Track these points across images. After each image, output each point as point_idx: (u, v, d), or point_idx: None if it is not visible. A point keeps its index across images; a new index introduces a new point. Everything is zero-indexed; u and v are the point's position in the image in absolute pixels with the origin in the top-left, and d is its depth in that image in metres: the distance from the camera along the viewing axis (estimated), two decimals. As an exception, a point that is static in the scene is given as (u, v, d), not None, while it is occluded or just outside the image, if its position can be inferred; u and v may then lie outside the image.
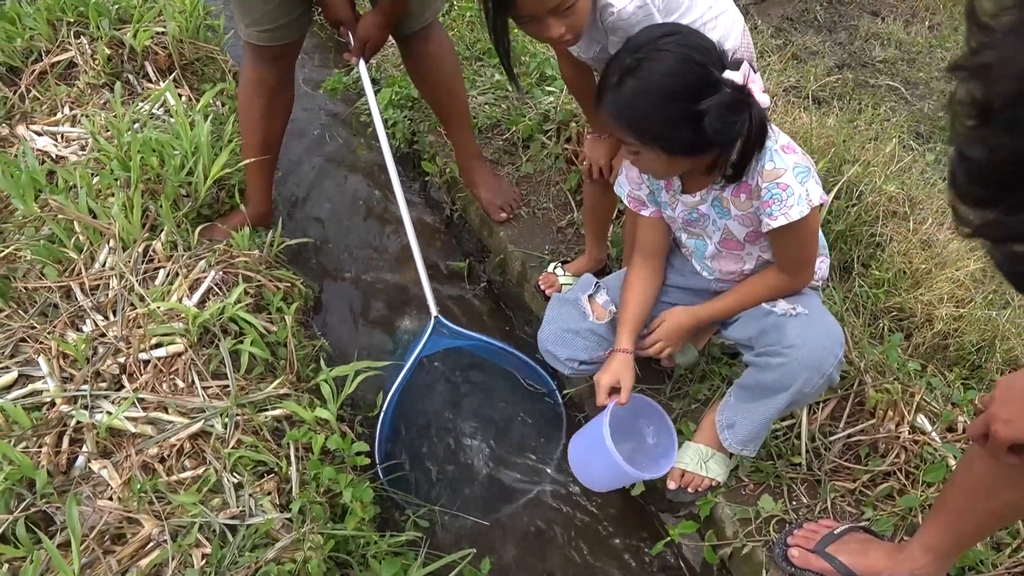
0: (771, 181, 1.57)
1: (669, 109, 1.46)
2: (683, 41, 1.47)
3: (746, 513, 1.89)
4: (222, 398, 1.95)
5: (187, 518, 1.69)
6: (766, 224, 1.61)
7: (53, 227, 2.20)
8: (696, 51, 1.45)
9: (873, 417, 2.04)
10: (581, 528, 2.12)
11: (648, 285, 1.91)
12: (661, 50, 1.45)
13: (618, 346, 1.85)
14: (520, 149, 2.95)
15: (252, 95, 2.40)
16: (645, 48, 1.47)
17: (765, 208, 1.60)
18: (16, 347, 2.02)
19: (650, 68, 1.45)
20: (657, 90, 1.45)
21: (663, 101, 1.46)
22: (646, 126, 1.50)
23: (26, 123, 2.75)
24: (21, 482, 1.72)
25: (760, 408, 1.79)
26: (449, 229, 3.07)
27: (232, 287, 2.18)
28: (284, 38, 2.28)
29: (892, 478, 1.92)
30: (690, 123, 1.44)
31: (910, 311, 2.49)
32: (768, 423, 1.82)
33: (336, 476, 1.78)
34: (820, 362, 1.67)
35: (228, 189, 2.62)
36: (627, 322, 1.87)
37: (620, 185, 1.88)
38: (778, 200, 1.57)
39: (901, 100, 4.15)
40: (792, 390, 1.70)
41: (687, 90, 1.44)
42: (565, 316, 1.97)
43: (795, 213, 1.57)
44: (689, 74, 1.44)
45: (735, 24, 1.93)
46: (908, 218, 2.90)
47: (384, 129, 2.34)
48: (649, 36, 1.50)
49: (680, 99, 1.44)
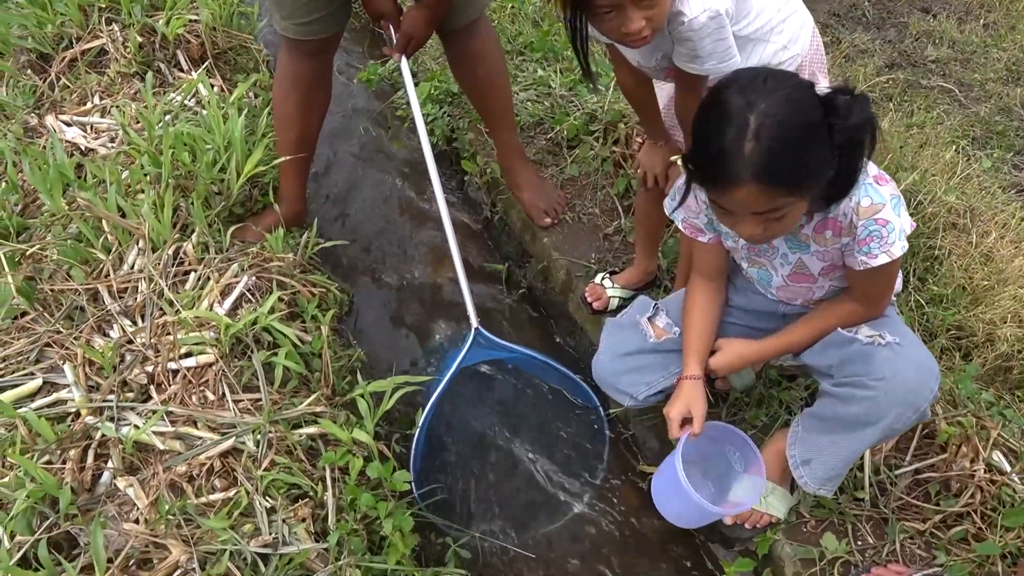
0: (869, 218, 1.44)
1: (811, 140, 1.31)
2: (767, 71, 1.35)
3: (808, 553, 1.77)
4: (254, 413, 1.85)
5: (217, 544, 1.60)
6: (863, 263, 1.49)
7: (81, 225, 2.11)
8: (790, 76, 1.34)
9: (944, 452, 1.91)
10: (628, 560, 2.01)
11: (711, 306, 1.79)
12: (769, 90, 1.30)
13: (685, 372, 1.74)
14: (564, 150, 2.82)
15: (288, 90, 2.29)
16: (749, 96, 1.30)
17: (862, 246, 1.48)
18: (41, 352, 1.93)
19: (768, 110, 1.28)
20: (792, 124, 1.29)
21: (804, 133, 1.30)
22: (796, 171, 1.32)
23: (55, 113, 2.65)
24: (44, 500, 1.63)
25: (843, 443, 1.66)
26: (488, 231, 2.95)
27: (265, 294, 2.08)
28: (321, 32, 2.16)
29: (967, 520, 1.79)
30: (828, 149, 1.31)
31: (970, 330, 2.35)
32: (851, 461, 1.69)
33: (375, 503, 1.68)
34: (914, 397, 1.55)
35: (261, 187, 2.52)
36: (693, 346, 1.76)
37: (675, 210, 1.73)
38: (878, 237, 1.45)
39: (955, 103, 3.97)
40: (882, 425, 1.58)
41: (814, 111, 1.30)
42: (623, 342, 1.87)
43: (897, 250, 1.46)
44: (805, 94, 1.31)
45: (804, 27, 1.79)
46: (969, 230, 2.76)
47: (424, 126, 2.22)
48: (740, 88, 1.32)
49: (813, 124, 1.30)
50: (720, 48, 1.60)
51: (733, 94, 1.32)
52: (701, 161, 1.38)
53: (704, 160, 1.37)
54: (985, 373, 2.18)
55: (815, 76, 1.86)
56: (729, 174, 1.31)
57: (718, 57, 1.61)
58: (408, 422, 2.07)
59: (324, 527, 1.69)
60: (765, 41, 1.71)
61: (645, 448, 2.25)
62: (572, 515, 2.10)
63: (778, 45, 1.73)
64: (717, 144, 1.31)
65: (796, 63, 1.79)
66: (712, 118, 1.35)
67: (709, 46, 1.59)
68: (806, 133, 1.30)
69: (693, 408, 1.72)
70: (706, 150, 1.35)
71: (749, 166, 1.29)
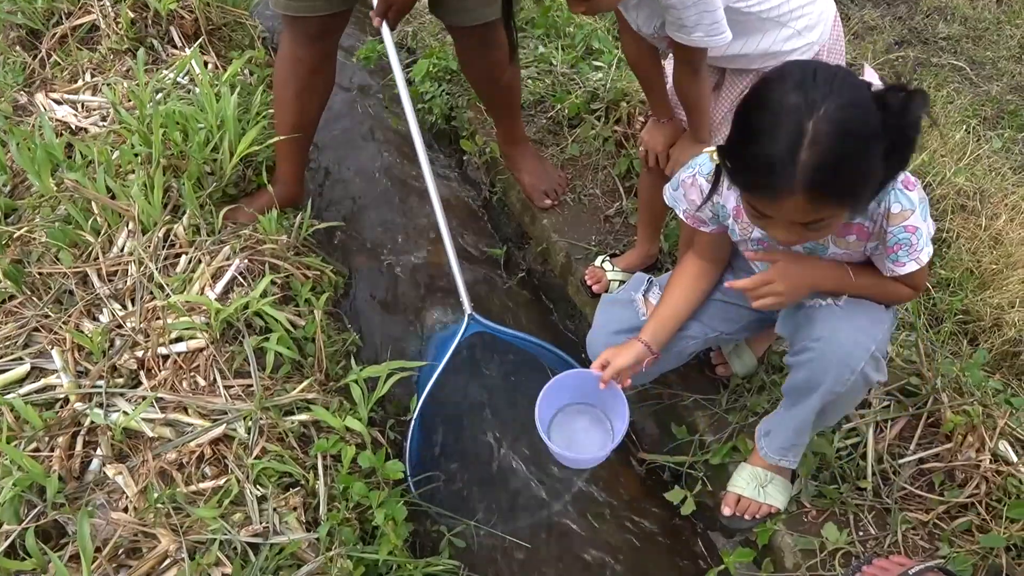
0: (898, 225, 1.37)
1: (869, 150, 1.19)
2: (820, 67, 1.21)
3: (809, 544, 1.74)
4: (245, 400, 1.81)
5: (207, 534, 1.57)
6: (890, 270, 1.45)
7: (69, 207, 2.06)
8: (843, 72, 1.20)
9: (949, 441, 1.87)
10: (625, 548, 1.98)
11: (695, 287, 1.74)
12: (829, 92, 1.17)
13: (641, 335, 1.71)
14: (565, 129, 2.76)
15: (288, 74, 2.20)
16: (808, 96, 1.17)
17: (890, 253, 1.42)
18: (29, 337, 1.90)
19: (829, 115, 1.15)
20: (852, 133, 1.17)
21: (863, 143, 1.18)
22: (850, 183, 1.21)
23: (45, 90, 2.60)
24: (31, 488, 1.60)
25: (793, 412, 1.64)
26: (487, 211, 2.90)
27: (258, 277, 2.04)
28: (321, 8, 2.05)
29: (971, 511, 1.75)
30: (881, 155, 1.20)
31: (977, 314, 2.31)
32: (801, 430, 1.66)
33: (367, 493, 1.65)
34: (848, 356, 1.48)
35: (255, 167, 2.47)
36: (657, 318, 1.72)
37: (675, 200, 1.64)
38: (906, 244, 1.39)
39: (966, 81, 3.89)
40: (822, 390, 1.53)
41: (873, 116, 1.18)
42: (616, 318, 1.82)
43: (925, 256, 1.41)
44: (864, 96, 1.19)
45: (824, 14, 1.73)
46: (978, 213, 2.70)
47: (412, 106, 2.11)
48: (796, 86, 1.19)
49: (872, 132, 1.18)
50: (706, 20, 1.54)
51: (788, 92, 1.18)
52: (745, 164, 1.26)
53: (749, 163, 1.25)
54: (992, 358, 2.13)
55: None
56: (777, 183, 1.19)
57: (704, 30, 1.55)
58: (403, 407, 2.03)
59: (315, 516, 1.67)
60: (781, 24, 1.65)
61: (644, 435, 2.21)
62: (568, 503, 2.07)
63: (793, 30, 1.67)
64: (767, 149, 1.19)
65: (812, 51, 1.73)
66: (762, 117, 1.21)
67: (694, 17, 1.53)
68: (865, 142, 1.18)
69: (616, 358, 1.69)
70: (752, 153, 1.22)
71: (802, 178, 1.17)
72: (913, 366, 2.01)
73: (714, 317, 1.81)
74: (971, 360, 1.98)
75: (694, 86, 1.74)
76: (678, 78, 1.75)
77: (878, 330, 1.50)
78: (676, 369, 2.07)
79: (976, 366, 1.93)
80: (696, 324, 1.80)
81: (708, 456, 1.93)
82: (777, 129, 1.18)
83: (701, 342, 1.83)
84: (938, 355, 2.04)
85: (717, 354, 2.10)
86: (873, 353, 1.48)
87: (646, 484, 2.11)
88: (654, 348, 1.71)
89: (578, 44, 3.03)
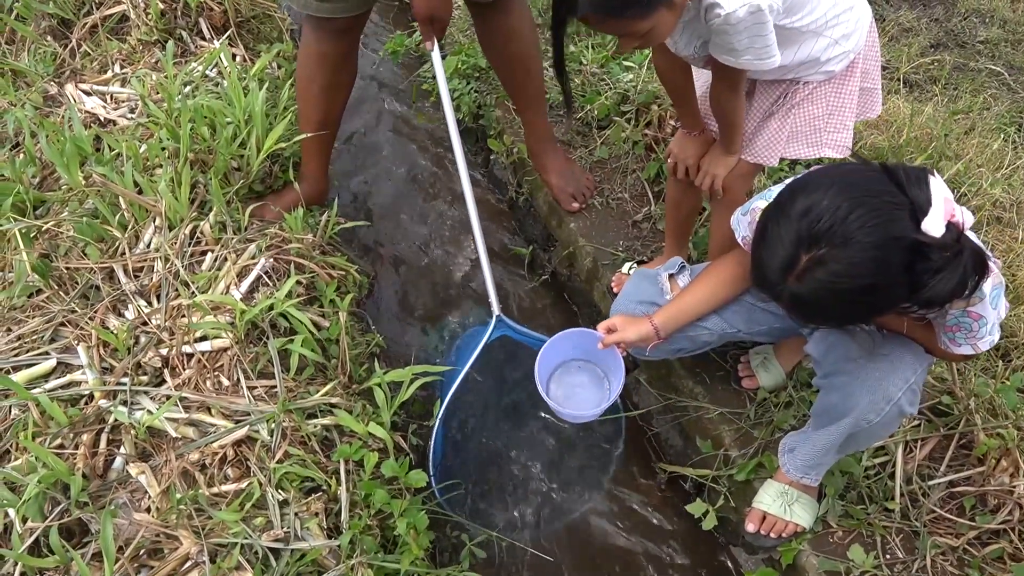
0: (962, 309, 1.32)
1: (866, 301, 1.21)
2: (870, 215, 1.15)
3: (835, 566, 1.71)
4: (268, 401, 1.81)
5: (228, 537, 1.57)
6: (946, 346, 1.40)
7: (97, 202, 2.06)
8: (884, 216, 1.15)
9: (982, 464, 1.83)
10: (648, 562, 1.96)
11: (722, 290, 1.73)
12: (849, 239, 1.15)
13: (654, 316, 1.73)
14: (595, 131, 2.72)
15: (313, 68, 2.19)
16: (825, 239, 1.17)
17: (948, 331, 1.38)
18: (56, 331, 1.90)
19: (835, 268, 1.16)
20: (848, 290, 1.18)
21: (858, 295, 1.19)
22: (835, 318, 1.32)
23: (75, 81, 2.60)
24: (56, 486, 1.60)
25: (822, 432, 1.61)
26: (512, 212, 2.88)
27: (283, 276, 2.03)
28: (351, 10, 2.04)
29: (1003, 538, 1.72)
30: (901, 292, 1.19)
31: (1011, 330, 2.25)
32: (827, 450, 1.63)
33: (389, 500, 1.64)
34: (886, 384, 1.45)
35: (281, 163, 2.46)
36: (675, 306, 1.74)
37: (738, 224, 1.60)
38: (966, 329, 1.35)
39: (1004, 87, 3.80)
40: (854, 415, 1.50)
41: (888, 277, 1.16)
42: (642, 290, 1.85)
43: (984, 345, 1.36)
44: (888, 260, 1.16)
45: (860, 23, 1.69)
46: (1015, 225, 2.65)
47: (451, 103, 2.11)
48: (828, 214, 1.17)
49: (880, 288, 1.18)
50: (757, 44, 1.50)
51: (803, 215, 1.19)
52: (754, 255, 1.31)
53: (755, 259, 1.31)
54: (1025, 376, 2.09)
55: (868, 73, 1.76)
56: (770, 294, 1.29)
57: (754, 54, 1.52)
58: (426, 411, 2.02)
59: (337, 522, 1.66)
60: (818, 35, 1.61)
61: (668, 446, 2.19)
62: (590, 514, 2.05)
63: (830, 39, 1.63)
64: (763, 263, 1.26)
65: (848, 59, 1.69)
66: (771, 230, 1.25)
67: (745, 41, 1.50)
68: (865, 295, 1.19)
69: (624, 331, 1.74)
70: (756, 261, 1.30)
71: (785, 299, 1.25)
72: (945, 384, 1.96)
73: (736, 315, 1.79)
74: (1006, 382, 1.93)
75: (732, 102, 1.71)
76: (716, 94, 1.72)
77: (919, 364, 1.47)
78: (701, 380, 2.05)
79: (1012, 388, 1.89)
80: (715, 317, 1.79)
81: (733, 472, 1.90)
82: (776, 249, 1.23)
83: (717, 336, 1.82)
84: (971, 373, 1.99)
85: (744, 366, 2.06)
86: (912, 385, 1.46)
87: (668, 497, 2.09)
88: (662, 333, 1.74)
89: (608, 43, 2.99)
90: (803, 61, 1.67)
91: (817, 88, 1.74)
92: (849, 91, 1.75)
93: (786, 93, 1.76)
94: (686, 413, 2.06)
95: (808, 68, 1.70)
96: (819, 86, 1.74)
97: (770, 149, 1.79)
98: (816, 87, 1.74)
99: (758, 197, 1.55)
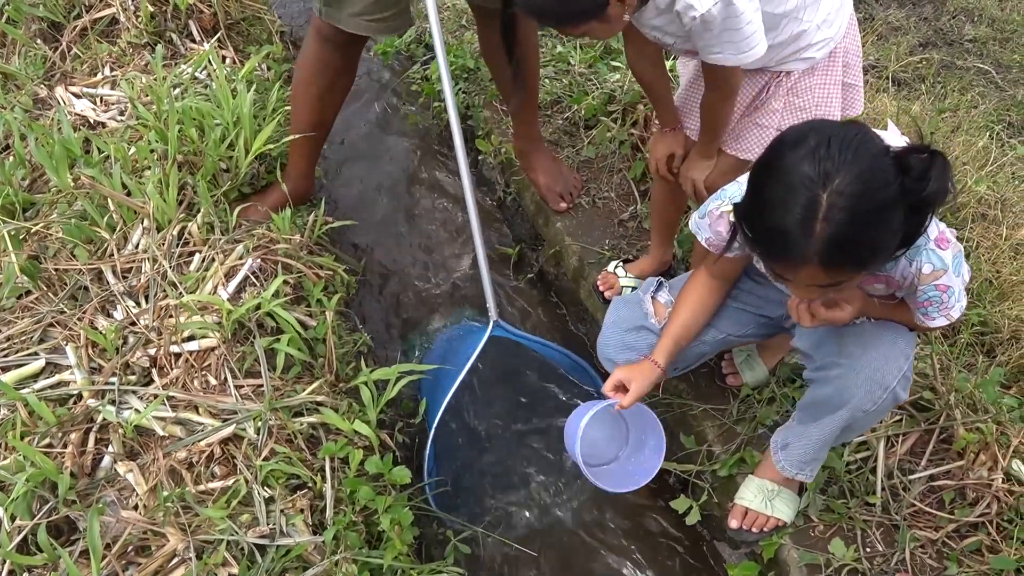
0: (930, 283, 1.37)
1: (885, 219, 1.18)
2: (850, 140, 1.17)
3: (815, 559, 1.73)
4: (255, 400, 1.83)
5: (215, 534, 1.59)
6: (921, 321, 1.45)
7: (85, 204, 2.08)
8: (860, 138, 1.17)
9: (961, 458, 1.86)
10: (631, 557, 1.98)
11: (705, 304, 1.73)
12: (844, 162, 1.15)
13: (653, 355, 1.70)
14: (581, 130, 2.74)
15: (314, 74, 2.19)
16: (822, 167, 1.16)
17: (921, 307, 1.43)
18: (44, 332, 1.92)
19: (843, 188, 1.14)
20: (868, 205, 1.16)
21: (879, 213, 1.17)
22: (866, 251, 1.21)
23: (65, 84, 2.62)
24: (44, 484, 1.62)
25: (817, 425, 1.62)
26: (500, 211, 2.90)
27: (271, 276, 2.05)
28: (397, 28, 2.12)
29: (981, 531, 1.74)
30: (900, 219, 1.19)
31: (995, 326, 2.28)
32: (824, 444, 1.65)
33: (374, 497, 1.66)
34: (882, 374, 1.48)
35: (268, 163, 2.47)
36: (669, 336, 1.71)
37: (698, 228, 1.62)
38: (937, 302, 1.40)
39: (991, 85, 3.82)
40: (850, 406, 1.52)
41: (890, 186, 1.16)
42: (626, 318, 1.82)
43: (956, 312, 1.41)
44: (882, 164, 1.17)
45: (841, 11, 1.70)
46: (999, 222, 2.67)
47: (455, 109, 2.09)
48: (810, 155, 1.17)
49: (889, 201, 1.17)
50: (736, 38, 1.52)
51: (802, 161, 1.17)
52: (760, 230, 1.25)
53: (764, 231, 1.24)
54: (1009, 372, 2.11)
55: (850, 68, 1.78)
56: (792, 254, 1.20)
57: (734, 48, 1.54)
58: (412, 410, 2.04)
59: (322, 519, 1.68)
60: (797, 19, 1.63)
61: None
62: (574, 510, 2.07)
63: (810, 24, 1.64)
64: (781, 220, 1.18)
65: (828, 48, 1.71)
66: (776, 188, 1.20)
67: (725, 36, 1.52)
68: (881, 213, 1.17)
69: (633, 381, 1.67)
70: (767, 222, 1.22)
71: (816, 250, 1.17)
72: (927, 380, 1.99)
73: (725, 320, 1.80)
74: (987, 377, 1.95)
75: (723, 112, 1.74)
76: (709, 103, 1.75)
77: (909, 349, 1.51)
78: (686, 377, 2.07)
79: (992, 383, 1.91)
80: (710, 329, 1.79)
81: (716, 467, 1.93)
82: (791, 201, 1.17)
83: (712, 346, 1.83)
84: (953, 369, 2.02)
85: (728, 363, 2.09)
86: (905, 372, 1.49)
87: (652, 494, 2.11)
88: (668, 370, 1.73)
89: (596, 43, 3.01)
90: (784, 44, 1.68)
91: (800, 79, 1.75)
92: (833, 82, 1.76)
93: (769, 86, 1.77)
94: (670, 409, 2.08)
95: (790, 55, 1.71)
96: (802, 77, 1.75)
97: (759, 144, 1.80)
98: (799, 78, 1.75)
99: (712, 199, 1.57)
